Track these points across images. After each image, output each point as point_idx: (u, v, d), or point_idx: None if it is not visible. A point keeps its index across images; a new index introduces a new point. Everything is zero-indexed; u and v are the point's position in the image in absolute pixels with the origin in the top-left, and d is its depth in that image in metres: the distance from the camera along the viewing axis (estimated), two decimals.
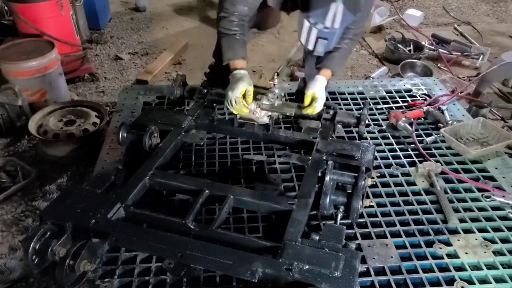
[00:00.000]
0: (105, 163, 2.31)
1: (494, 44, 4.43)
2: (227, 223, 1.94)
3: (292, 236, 1.60)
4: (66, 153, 2.61)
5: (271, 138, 2.25)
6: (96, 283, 1.68)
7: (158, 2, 5.23)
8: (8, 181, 2.43)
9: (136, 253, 1.80)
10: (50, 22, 3.27)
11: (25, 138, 2.83)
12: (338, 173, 1.91)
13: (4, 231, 2.18)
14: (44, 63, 2.92)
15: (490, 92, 3.46)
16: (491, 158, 2.42)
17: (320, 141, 2.10)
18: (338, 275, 1.44)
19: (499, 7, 5.37)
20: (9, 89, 2.78)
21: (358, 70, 4.06)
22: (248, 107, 2.12)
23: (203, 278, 1.71)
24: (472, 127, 2.62)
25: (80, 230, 1.61)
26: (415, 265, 1.80)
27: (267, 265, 1.47)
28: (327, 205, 1.81)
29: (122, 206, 1.72)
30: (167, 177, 1.92)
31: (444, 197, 2.10)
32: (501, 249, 1.88)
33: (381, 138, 2.56)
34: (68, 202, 1.70)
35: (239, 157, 2.40)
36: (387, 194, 2.17)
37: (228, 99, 2.08)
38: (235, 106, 2.09)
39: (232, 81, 2.09)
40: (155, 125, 2.13)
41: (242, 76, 2.09)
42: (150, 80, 3.49)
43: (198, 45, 4.27)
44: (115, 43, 4.25)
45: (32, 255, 1.49)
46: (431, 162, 2.30)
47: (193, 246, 1.54)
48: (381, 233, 1.95)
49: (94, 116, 2.73)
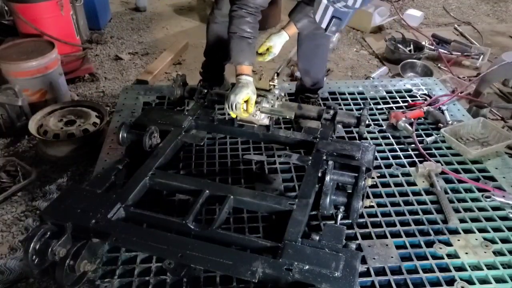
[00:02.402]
0: (105, 163, 2.31)
1: (494, 44, 4.43)
2: (227, 223, 1.94)
3: (292, 236, 1.60)
4: (66, 153, 2.61)
5: (271, 138, 2.25)
6: (96, 283, 1.68)
7: (158, 2, 5.24)
8: (8, 181, 2.43)
9: (136, 253, 1.80)
10: (50, 22, 3.27)
11: (25, 138, 2.83)
12: (338, 173, 1.91)
13: (4, 231, 2.18)
14: (44, 63, 2.92)
15: (490, 92, 3.45)
16: (491, 158, 2.42)
17: (320, 141, 2.10)
18: (338, 275, 1.44)
19: (499, 7, 5.37)
20: (9, 89, 2.78)
21: (358, 70, 4.06)
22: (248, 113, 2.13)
23: (203, 278, 1.71)
24: (472, 127, 2.62)
25: (80, 230, 1.61)
26: (415, 265, 1.80)
27: (267, 265, 1.47)
28: (327, 205, 1.81)
29: (122, 206, 1.72)
30: (167, 177, 1.92)
31: (444, 197, 2.09)
32: (501, 249, 1.88)
33: (381, 138, 2.56)
34: (68, 202, 1.70)
35: (239, 157, 2.40)
36: (387, 194, 2.17)
37: (229, 102, 2.08)
38: (234, 111, 2.09)
39: (237, 86, 2.09)
40: (155, 125, 2.13)
41: (247, 83, 2.08)
42: (150, 80, 3.49)
43: (198, 45, 4.27)
44: (115, 43, 4.25)
45: (32, 255, 1.49)
46: (431, 162, 2.30)
47: (193, 246, 1.54)
48: (381, 233, 1.95)
49: (94, 116, 2.73)
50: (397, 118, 2.59)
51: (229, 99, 2.08)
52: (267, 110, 2.17)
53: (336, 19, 1.89)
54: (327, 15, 1.89)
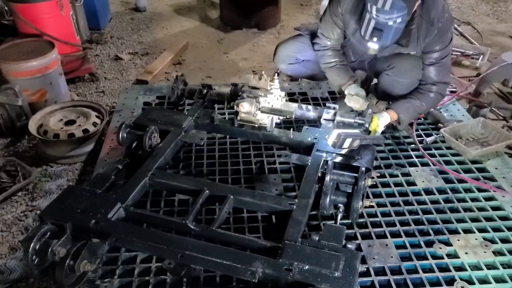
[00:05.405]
0: (105, 163, 2.32)
1: (494, 44, 4.42)
2: (227, 223, 1.94)
3: (292, 236, 1.60)
4: (66, 153, 2.60)
5: (271, 138, 2.25)
6: (96, 283, 1.68)
7: (158, 2, 5.23)
8: (8, 181, 2.43)
9: (136, 253, 1.80)
10: (50, 22, 3.26)
11: (25, 138, 2.83)
12: (338, 173, 1.91)
13: (4, 231, 2.17)
14: (44, 63, 2.92)
15: (490, 92, 3.45)
16: (491, 158, 2.42)
17: (320, 141, 2.10)
18: (338, 275, 1.44)
19: (499, 7, 5.37)
20: (9, 89, 2.78)
21: None
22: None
23: (203, 278, 1.71)
24: (472, 127, 2.62)
25: (80, 230, 1.61)
26: (415, 265, 1.80)
27: (267, 265, 1.47)
28: (327, 205, 1.81)
29: (122, 206, 1.72)
30: (167, 177, 1.92)
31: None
32: (501, 249, 1.88)
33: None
34: (68, 202, 1.70)
35: (239, 157, 2.40)
36: (387, 194, 2.17)
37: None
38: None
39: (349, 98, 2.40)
40: (155, 125, 2.13)
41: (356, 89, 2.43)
42: (150, 80, 3.48)
43: (198, 45, 4.27)
44: (115, 43, 4.24)
45: (32, 255, 1.50)
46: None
47: (193, 246, 1.54)
48: (381, 233, 1.95)
49: (94, 116, 2.73)
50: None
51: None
52: (267, 110, 2.17)
53: (378, 30, 2.04)
54: (370, 26, 2.05)
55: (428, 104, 2.41)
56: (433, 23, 2.17)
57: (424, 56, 2.31)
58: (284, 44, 2.79)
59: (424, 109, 2.43)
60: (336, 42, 2.50)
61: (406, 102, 2.37)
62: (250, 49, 4.21)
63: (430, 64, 2.32)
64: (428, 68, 2.33)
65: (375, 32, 2.05)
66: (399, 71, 2.37)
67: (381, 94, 2.59)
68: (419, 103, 2.36)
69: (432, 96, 2.37)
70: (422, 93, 2.36)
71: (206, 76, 3.73)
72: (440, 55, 2.28)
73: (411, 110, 2.36)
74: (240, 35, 4.48)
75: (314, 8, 5.09)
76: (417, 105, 2.36)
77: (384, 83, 2.49)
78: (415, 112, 2.40)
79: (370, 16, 2.02)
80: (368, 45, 2.19)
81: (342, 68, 2.51)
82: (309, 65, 2.72)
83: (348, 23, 2.35)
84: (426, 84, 2.36)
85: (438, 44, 2.24)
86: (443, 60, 2.30)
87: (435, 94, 2.37)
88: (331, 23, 2.42)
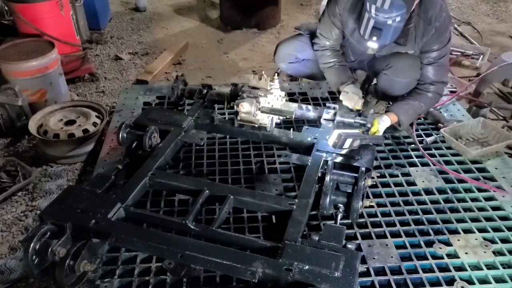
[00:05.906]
0: (105, 163, 2.32)
1: (494, 44, 4.42)
2: (227, 223, 1.94)
3: (292, 236, 1.60)
4: (66, 153, 2.60)
5: (271, 138, 2.25)
6: (96, 283, 1.68)
7: (158, 2, 5.23)
8: (8, 181, 2.43)
9: (136, 253, 1.80)
10: (50, 22, 3.26)
11: (25, 138, 2.83)
12: (338, 173, 1.91)
13: (4, 231, 2.17)
14: (44, 63, 2.92)
15: (490, 92, 3.45)
16: (491, 158, 2.42)
17: (320, 141, 2.10)
18: (338, 275, 1.44)
19: (499, 7, 5.37)
20: (9, 89, 2.78)
21: None
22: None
23: (203, 278, 1.71)
24: (472, 127, 2.62)
25: (80, 230, 1.61)
26: (415, 265, 1.80)
27: (267, 265, 1.47)
28: (327, 205, 1.81)
29: (122, 206, 1.72)
30: (167, 177, 1.92)
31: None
32: (501, 249, 1.88)
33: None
34: (68, 202, 1.70)
35: (239, 157, 2.40)
36: (387, 194, 2.17)
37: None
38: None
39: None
40: (155, 125, 2.13)
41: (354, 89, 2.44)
42: (150, 80, 3.48)
43: (198, 45, 4.27)
44: (115, 43, 4.24)
45: (32, 255, 1.50)
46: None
47: (193, 246, 1.54)
48: (381, 233, 1.95)
49: (94, 116, 2.73)
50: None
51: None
52: (267, 110, 2.17)
53: (377, 29, 2.04)
54: (369, 26, 2.06)
55: (427, 105, 2.42)
56: (431, 22, 2.17)
57: (422, 55, 2.31)
58: (284, 43, 2.79)
59: (423, 110, 2.44)
60: (335, 42, 2.51)
61: (405, 103, 2.37)
62: (250, 49, 4.21)
63: (428, 64, 2.32)
64: (426, 67, 2.33)
65: (374, 31, 2.06)
66: (396, 70, 2.37)
67: (380, 94, 2.59)
68: (418, 104, 2.36)
69: (430, 96, 2.37)
70: (421, 93, 2.37)
71: (206, 76, 3.73)
72: (438, 54, 2.28)
73: (410, 111, 2.37)
74: (240, 35, 4.48)
75: (314, 8, 5.09)
76: (416, 106, 2.36)
77: (382, 83, 2.49)
78: (414, 113, 2.40)
79: (369, 15, 2.03)
80: (368, 44, 2.20)
81: (341, 68, 2.52)
82: (309, 64, 2.73)
83: (346, 23, 2.35)
84: (424, 83, 2.37)
85: (436, 43, 2.24)
86: (441, 59, 2.30)
87: (433, 94, 2.37)
88: (329, 23, 2.43)
